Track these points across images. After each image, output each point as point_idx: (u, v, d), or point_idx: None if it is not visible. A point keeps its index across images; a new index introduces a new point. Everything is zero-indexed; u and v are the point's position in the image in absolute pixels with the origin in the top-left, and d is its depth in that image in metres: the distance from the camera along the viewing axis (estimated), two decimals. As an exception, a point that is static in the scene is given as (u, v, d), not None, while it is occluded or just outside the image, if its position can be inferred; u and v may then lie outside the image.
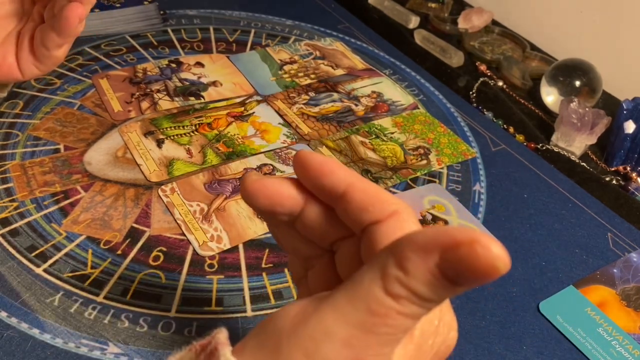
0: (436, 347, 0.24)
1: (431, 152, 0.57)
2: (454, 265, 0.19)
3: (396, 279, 0.20)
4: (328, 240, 0.26)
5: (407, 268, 0.19)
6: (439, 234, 0.19)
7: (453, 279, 0.19)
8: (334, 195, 0.24)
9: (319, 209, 0.25)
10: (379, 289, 0.20)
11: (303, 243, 0.27)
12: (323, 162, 0.24)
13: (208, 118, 0.58)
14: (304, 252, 0.27)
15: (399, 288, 0.20)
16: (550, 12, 0.79)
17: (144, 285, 0.42)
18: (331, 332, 0.20)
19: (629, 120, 0.57)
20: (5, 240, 0.44)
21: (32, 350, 0.37)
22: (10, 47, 0.42)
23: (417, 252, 0.19)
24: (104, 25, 0.69)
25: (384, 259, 0.20)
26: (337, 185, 0.24)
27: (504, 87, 0.69)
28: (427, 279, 0.19)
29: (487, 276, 0.18)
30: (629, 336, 0.42)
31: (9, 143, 0.53)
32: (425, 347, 0.23)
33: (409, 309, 0.20)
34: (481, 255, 0.18)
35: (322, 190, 0.24)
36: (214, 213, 0.48)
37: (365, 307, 0.20)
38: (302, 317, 0.21)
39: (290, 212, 0.25)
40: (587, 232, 0.50)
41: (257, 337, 0.22)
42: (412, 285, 0.19)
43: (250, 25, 0.75)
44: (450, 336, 0.25)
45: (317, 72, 0.67)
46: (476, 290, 0.44)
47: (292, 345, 0.21)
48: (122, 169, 0.51)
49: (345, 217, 0.24)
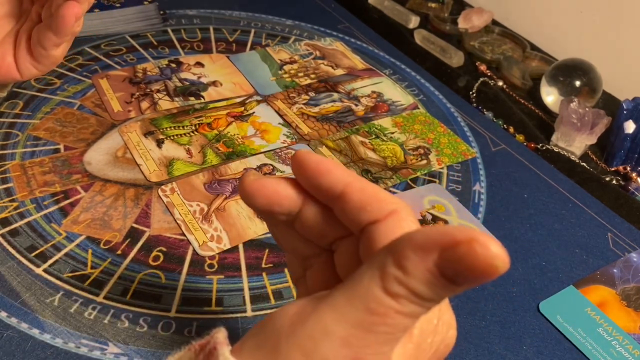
0: (435, 345, 0.24)
1: (431, 152, 0.57)
2: (453, 264, 0.19)
3: (395, 278, 0.20)
4: (327, 239, 0.26)
5: (406, 267, 0.19)
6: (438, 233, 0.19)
7: (452, 278, 0.19)
8: (332, 195, 0.24)
9: (318, 208, 0.25)
10: (378, 288, 0.20)
11: (302, 242, 0.27)
12: (320, 162, 0.24)
13: (208, 118, 0.58)
14: (303, 251, 0.27)
15: (398, 287, 0.20)
16: (550, 12, 0.79)
17: (144, 285, 0.42)
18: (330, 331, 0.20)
19: (629, 120, 0.57)
20: (5, 240, 0.44)
21: (32, 350, 0.37)
22: (9, 47, 0.42)
23: (416, 251, 0.19)
24: (104, 25, 0.69)
25: (382, 258, 0.20)
26: (334, 185, 0.24)
27: (504, 87, 0.69)
28: (426, 278, 0.19)
29: (486, 275, 0.18)
30: (629, 336, 0.42)
31: (9, 143, 0.53)
32: (424, 345, 0.23)
33: (408, 308, 0.20)
34: (480, 255, 0.18)
35: (319, 190, 0.24)
36: (214, 213, 0.48)
37: (364, 306, 0.20)
38: (300, 316, 0.21)
39: (288, 212, 0.25)
40: (587, 232, 0.50)
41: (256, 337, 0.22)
42: (411, 284, 0.19)
43: (250, 25, 0.75)
44: (449, 335, 0.25)
45: (317, 72, 0.67)
46: (476, 290, 0.44)
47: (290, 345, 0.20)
48: (122, 169, 0.51)
49: (343, 217, 0.24)
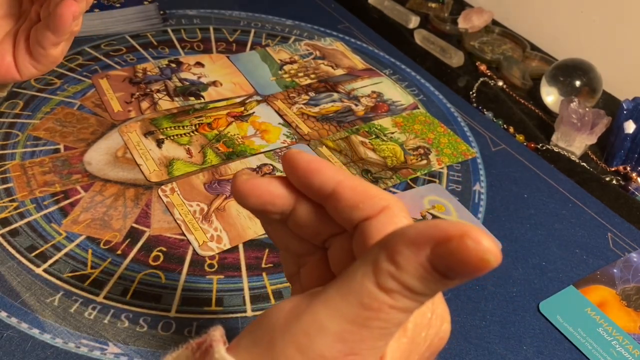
0: (429, 339, 0.24)
1: (431, 152, 0.57)
2: (445, 259, 0.19)
3: (388, 273, 0.20)
4: (320, 237, 0.26)
5: (398, 262, 0.20)
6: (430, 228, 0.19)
7: (444, 273, 0.19)
8: (324, 194, 0.24)
9: (310, 207, 0.25)
10: (371, 283, 0.20)
11: (295, 240, 0.27)
12: (310, 162, 0.24)
13: (208, 118, 0.58)
14: (297, 249, 0.27)
15: (391, 282, 0.20)
16: (550, 12, 0.79)
17: (144, 285, 0.42)
18: (324, 327, 0.20)
19: (629, 120, 0.57)
20: (5, 240, 0.44)
21: (32, 350, 0.37)
22: (8, 47, 0.42)
23: (408, 246, 0.19)
24: (104, 25, 0.69)
25: (375, 254, 0.20)
26: (325, 184, 0.24)
27: (504, 87, 0.69)
28: (418, 273, 0.19)
29: (478, 269, 0.18)
30: (629, 336, 0.42)
31: (9, 143, 0.53)
32: (419, 339, 0.24)
33: (401, 302, 0.20)
34: (472, 249, 0.18)
35: (311, 189, 0.24)
36: (214, 213, 0.48)
37: (358, 302, 0.20)
38: (295, 313, 0.21)
39: (281, 211, 0.25)
40: (587, 232, 0.50)
41: (251, 334, 0.22)
42: (404, 279, 0.20)
43: (250, 25, 0.75)
44: (443, 328, 0.25)
45: (317, 72, 0.67)
46: (476, 290, 0.44)
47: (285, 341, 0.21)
48: (122, 169, 0.51)
49: (336, 215, 0.24)
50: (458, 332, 0.41)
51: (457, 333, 0.41)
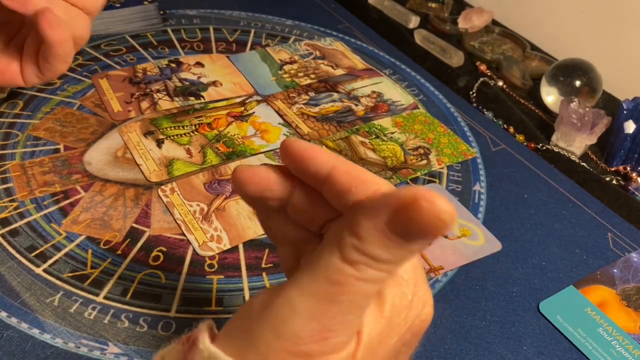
0: (410, 321, 0.25)
1: (431, 152, 0.57)
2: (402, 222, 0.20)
3: (352, 246, 0.21)
4: (317, 222, 0.26)
5: (359, 234, 0.20)
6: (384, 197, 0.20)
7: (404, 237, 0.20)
8: (319, 179, 0.25)
9: (307, 192, 0.26)
10: (336, 258, 0.21)
11: (293, 228, 0.28)
12: (306, 148, 0.25)
13: (208, 118, 0.58)
14: (294, 236, 0.28)
15: (355, 254, 0.20)
16: (550, 12, 0.79)
17: (144, 285, 0.42)
18: (296, 308, 0.21)
19: (629, 120, 0.57)
20: (5, 240, 0.44)
21: (32, 350, 0.37)
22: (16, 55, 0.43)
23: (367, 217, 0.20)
24: (104, 25, 0.69)
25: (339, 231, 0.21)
26: (320, 168, 0.24)
27: (504, 87, 0.69)
28: (379, 240, 0.20)
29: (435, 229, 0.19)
30: (629, 336, 0.42)
31: (9, 143, 0.53)
32: (398, 320, 0.24)
33: (367, 273, 0.21)
34: (426, 210, 0.19)
35: (307, 175, 0.25)
36: (214, 213, 0.48)
37: (325, 278, 0.21)
38: (269, 299, 0.22)
39: (279, 197, 0.26)
40: (587, 232, 0.50)
41: (231, 325, 0.23)
42: (367, 249, 0.20)
43: (250, 25, 0.75)
44: (425, 311, 0.25)
45: (317, 72, 0.67)
46: (476, 290, 0.44)
47: (261, 327, 0.22)
48: (122, 169, 0.51)
49: (331, 199, 0.25)
50: (458, 332, 0.41)
51: (457, 333, 0.41)
